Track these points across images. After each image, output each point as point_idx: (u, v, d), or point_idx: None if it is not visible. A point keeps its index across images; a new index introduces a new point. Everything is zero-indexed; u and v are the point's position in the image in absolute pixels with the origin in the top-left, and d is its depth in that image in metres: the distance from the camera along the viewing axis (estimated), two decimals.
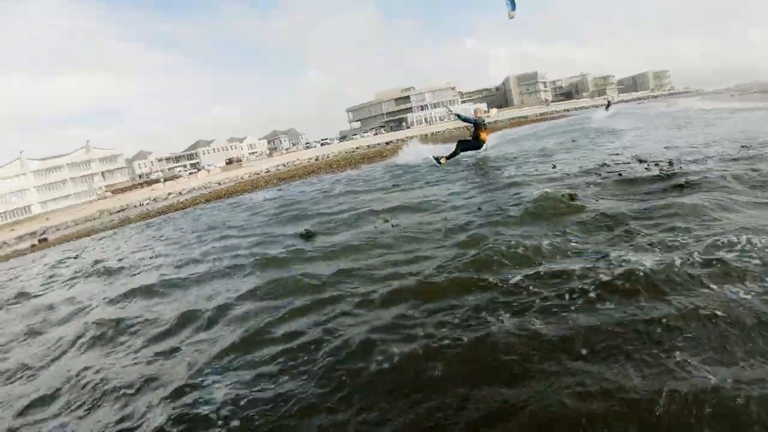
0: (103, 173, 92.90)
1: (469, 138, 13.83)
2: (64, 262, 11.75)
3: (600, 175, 7.49)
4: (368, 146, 56.83)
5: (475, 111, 14.73)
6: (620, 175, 7.12)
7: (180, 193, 47.63)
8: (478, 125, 13.55)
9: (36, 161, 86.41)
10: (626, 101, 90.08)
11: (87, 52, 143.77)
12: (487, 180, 9.37)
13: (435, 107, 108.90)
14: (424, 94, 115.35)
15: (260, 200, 15.43)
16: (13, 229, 52.79)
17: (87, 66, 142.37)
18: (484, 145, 13.93)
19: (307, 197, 12.80)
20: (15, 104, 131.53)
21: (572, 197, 5.88)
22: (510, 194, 7.15)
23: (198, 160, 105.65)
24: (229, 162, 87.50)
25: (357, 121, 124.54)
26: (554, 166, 9.42)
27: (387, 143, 55.28)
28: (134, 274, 7.54)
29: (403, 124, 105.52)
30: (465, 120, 13.79)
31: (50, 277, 9.90)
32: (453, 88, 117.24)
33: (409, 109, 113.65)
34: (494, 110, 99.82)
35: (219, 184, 46.47)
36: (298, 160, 57.35)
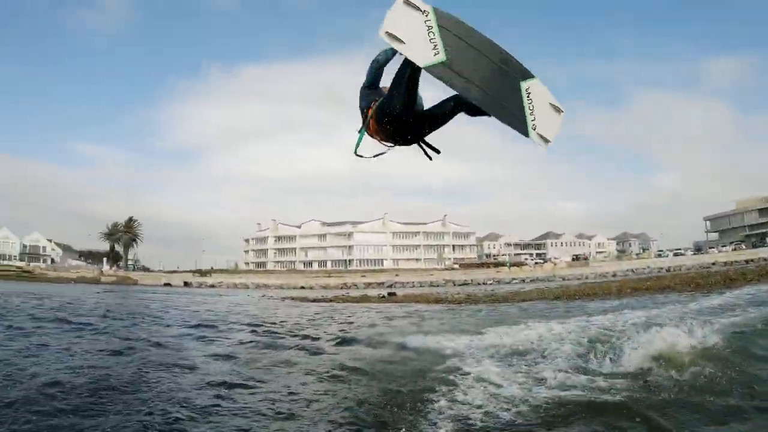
0: (453, 246, 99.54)
1: None
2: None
3: None
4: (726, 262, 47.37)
5: None
6: None
7: (523, 281, 45.80)
8: None
9: (398, 224, 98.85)
10: None
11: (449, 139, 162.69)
12: None
13: None
14: None
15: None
16: (364, 276, 60.10)
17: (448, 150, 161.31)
18: None
19: None
20: (372, 170, 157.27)
21: None
22: None
23: (545, 251, 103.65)
24: (576, 258, 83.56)
25: (714, 231, 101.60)
26: None
27: (746, 262, 46.33)
28: None
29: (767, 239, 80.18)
30: None
31: None
32: None
33: None
34: None
35: (563, 279, 43.13)
36: (647, 267, 52.36)
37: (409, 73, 3.18)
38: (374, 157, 3.76)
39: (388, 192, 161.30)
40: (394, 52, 3.32)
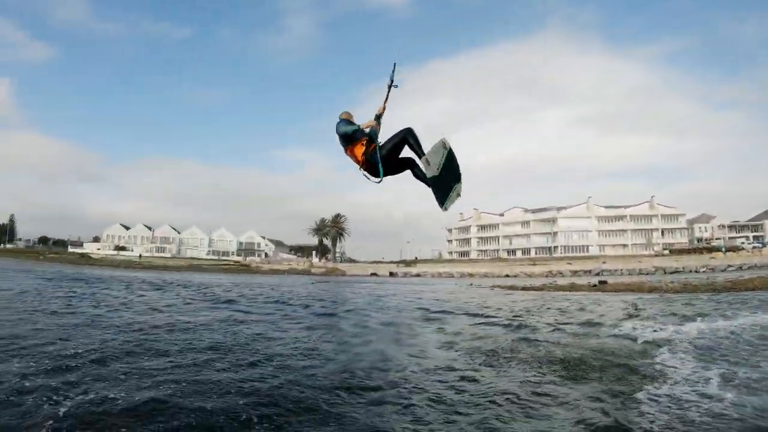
0: (662, 231, 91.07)
1: None
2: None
3: None
4: None
5: None
6: None
7: (740, 267, 40.71)
8: None
9: (602, 208, 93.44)
10: None
11: (642, 112, 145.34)
12: None
13: None
14: None
15: None
16: (570, 263, 58.78)
17: (644, 126, 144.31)
18: None
19: None
20: (572, 153, 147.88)
21: None
22: None
23: (762, 233, 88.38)
24: None
25: None
26: None
27: None
28: None
29: None
30: None
31: None
32: None
33: None
34: None
35: None
36: None
37: (399, 161, 5.47)
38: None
39: (589, 175, 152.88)
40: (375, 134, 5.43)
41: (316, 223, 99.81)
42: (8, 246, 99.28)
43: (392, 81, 5.44)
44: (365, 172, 5.54)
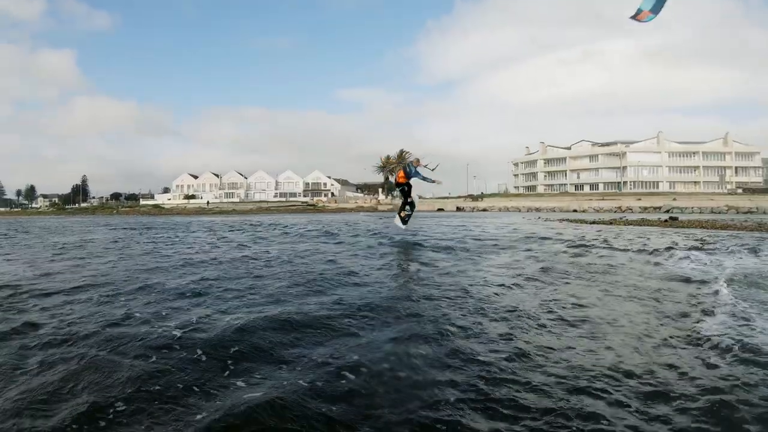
0: (736, 169, 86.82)
1: None
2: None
3: None
4: None
5: None
6: None
7: None
8: None
9: (673, 143, 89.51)
10: None
11: (725, 45, 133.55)
12: None
13: None
14: None
15: None
16: (639, 199, 57.94)
17: (720, 60, 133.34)
18: None
19: None
20: (646, 93, 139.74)
21: None
22: None
23: None
24: None
25: None
26: None
27: None
28: None
29: None
30: None
31: None
32: None
33: None
34: None
35: None
36: None
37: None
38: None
39: (661, 110, 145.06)
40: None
41: (381, 160, 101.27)
42: (83, 205, 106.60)
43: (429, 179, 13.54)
44: (397, 189, 14.13)
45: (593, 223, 26.49)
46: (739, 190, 70.24)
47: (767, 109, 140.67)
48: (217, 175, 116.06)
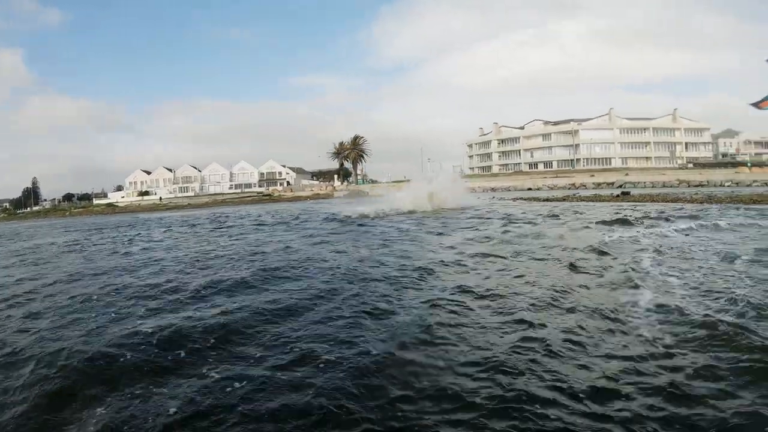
0: (686, 144, 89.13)
1: None
2: None
3: None
4: None
5: None
6: None
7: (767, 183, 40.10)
8: None
9: (624, 120, 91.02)
10: None
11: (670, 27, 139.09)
12: None
13: None
14: None
15: None
16: (593, 176, 58.64)
17: (667, 40, 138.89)
18: None
19: None
20: (596, 72, 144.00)
21: None
22: None
23: None
24: None
25: None
26: None
27: None
28: None
29: None
30: None
31: None
32: None
33: None
34: None
35: None
36: None
37: None
38: None
39: (611, 87, 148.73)
40: None
41: (335, 147, 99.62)
42: (34, 209, 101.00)
43: None
44: None
45: (546, 200, 26.51)
46: (690, 165, 72.03)
47: (712, 86, 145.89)
48: (170, 170, 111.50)
